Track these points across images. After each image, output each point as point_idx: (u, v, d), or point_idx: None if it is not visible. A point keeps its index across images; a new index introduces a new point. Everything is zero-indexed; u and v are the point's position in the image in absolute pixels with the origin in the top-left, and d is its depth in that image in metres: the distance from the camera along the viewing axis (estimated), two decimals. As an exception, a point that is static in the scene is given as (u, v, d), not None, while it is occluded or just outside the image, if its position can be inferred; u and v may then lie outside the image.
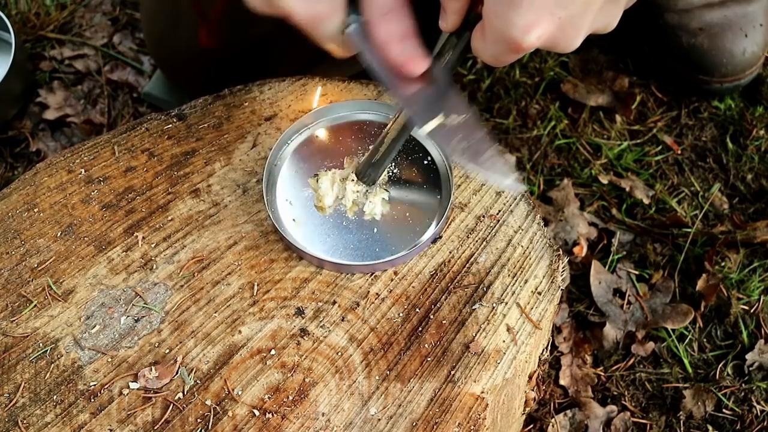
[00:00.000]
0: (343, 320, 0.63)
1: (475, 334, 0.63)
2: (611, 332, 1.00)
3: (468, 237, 0.70)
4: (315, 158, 0.72)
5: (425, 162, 0.72)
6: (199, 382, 0.59)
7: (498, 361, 0.62)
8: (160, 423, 0.57)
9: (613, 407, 0.95)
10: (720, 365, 0.98)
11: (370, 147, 0.70)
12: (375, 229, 0.68)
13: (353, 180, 0.69)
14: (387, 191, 0.70)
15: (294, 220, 0.68)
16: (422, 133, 0.57)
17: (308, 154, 0.72)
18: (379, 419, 0.58)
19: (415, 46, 0.56)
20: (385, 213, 0.69)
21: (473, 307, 0.65)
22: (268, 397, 0.59)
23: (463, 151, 0.57)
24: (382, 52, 0.56)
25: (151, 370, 0.59)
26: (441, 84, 0.59)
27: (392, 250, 0.66)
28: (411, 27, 0.56)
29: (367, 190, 0.69)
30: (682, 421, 0.94)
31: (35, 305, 0.63)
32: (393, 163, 0.71)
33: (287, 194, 0.70)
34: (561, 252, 0.71)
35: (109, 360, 0.60)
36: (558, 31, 0.49)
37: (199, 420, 0.57)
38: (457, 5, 0.53)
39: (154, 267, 0.66)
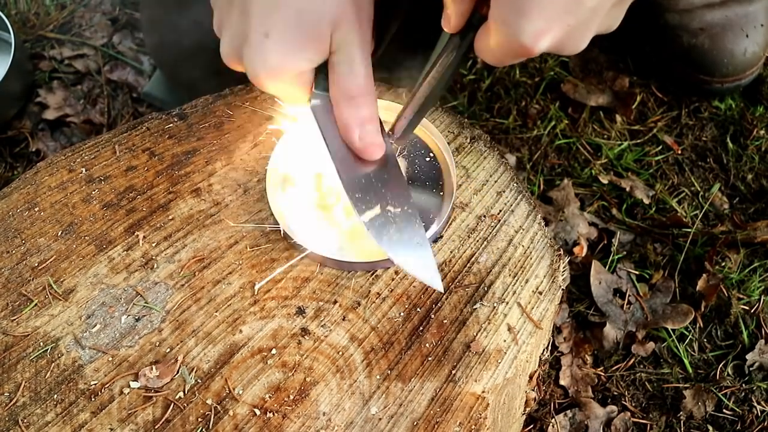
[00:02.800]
0: (344, 319, 0.63)
1: (476, 334, 0.63)
2: (611, 332, 1.00)
3: (469, 237, 0.70)
4: (317, 157, 0.72)
5: (427, 160, 0.72)
6: (199, 381, 0.59)
7: (499, 361, 0.62)
8: (160, 422, 0.57)
9: (614, 407, 0.94)
10: (720, 365, 0.98)
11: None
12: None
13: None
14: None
15: (296, 218, 0.68)
16: (360, 220, 0.58)
17: (310, 153, 0.72)
18: (380, 418, 0.58)
19: (377, 132, 0.58)
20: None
21: (474, 307, 0.65)
22: (269, 397, 0.59)
23: (394, 243, 0.58)
24: (344, 134, 0.59)
25: (151, 369, 0.59)
26: (390, 172, 0.60)
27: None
28: (375, 112, 0.58)
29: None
30: (682, 422, 0.94)
31: (36, 304, 0.63)
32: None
33: (288, 193, 0.70)
34: (562, 252, 0.71)
35: (110, 359, 0.60)
36: (566, 37, 0.48)
37: (199, 419, 0.57)
38: (460, 8, 0.52)
39: (155, 266, 0.65)
